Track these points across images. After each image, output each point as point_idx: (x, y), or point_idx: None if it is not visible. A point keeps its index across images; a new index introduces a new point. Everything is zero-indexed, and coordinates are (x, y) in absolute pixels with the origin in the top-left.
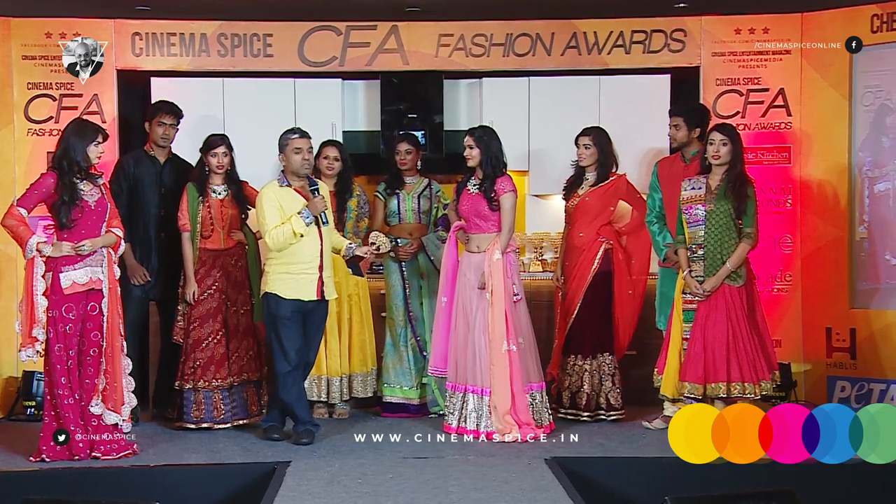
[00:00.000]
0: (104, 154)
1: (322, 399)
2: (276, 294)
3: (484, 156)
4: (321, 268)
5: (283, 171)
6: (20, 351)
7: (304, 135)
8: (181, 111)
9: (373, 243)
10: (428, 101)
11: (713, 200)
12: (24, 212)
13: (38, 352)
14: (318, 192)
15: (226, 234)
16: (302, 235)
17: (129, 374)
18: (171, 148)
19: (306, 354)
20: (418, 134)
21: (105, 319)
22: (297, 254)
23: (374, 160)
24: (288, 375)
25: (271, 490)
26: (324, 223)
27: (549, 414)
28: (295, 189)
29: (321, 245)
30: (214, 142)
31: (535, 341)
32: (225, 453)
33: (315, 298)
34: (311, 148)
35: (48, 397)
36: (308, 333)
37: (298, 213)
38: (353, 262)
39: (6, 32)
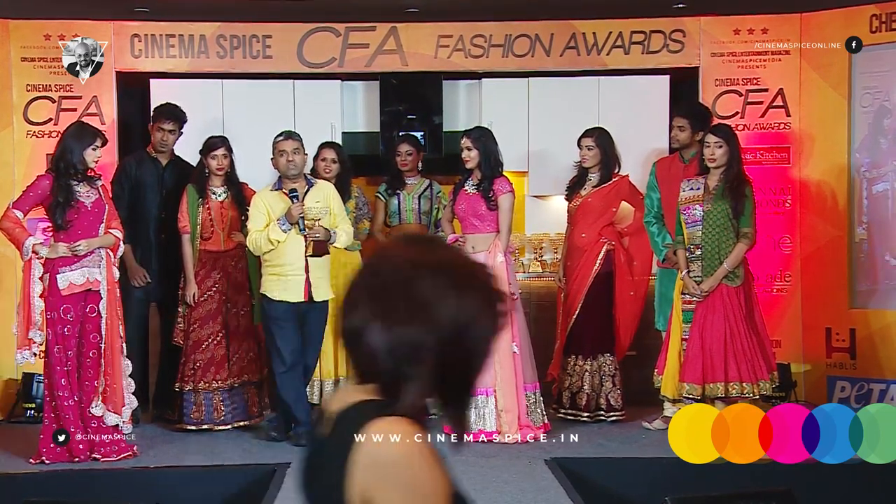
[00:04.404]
0: (103, 156)
1: (315, 402)
2: (266, 295)
3: (482, 157)
4: (307, 269)
5: (280, 175)
6: (17, 353)
7: (290, 136)
8: (185, 116)
9: (313, 223)
10: (427, 102)
11: (711, 201)
12: (20, 214)
13: (34, 354)
14: (298, 199)
15: (226, 236)
16: (279, 241)
17: (130, 376)
18: (172, 150)
19: (303, 355)
20: (418, 135)
21: (104, 321)
22: (284, 256)
23: (374, 161)
24: (284, 376)
25: (271, 492)
26: (301, 230)
27: (544, 414)
28: (285, 193)
29: (306, 247)
30: (214, 144)
31: (530, 341)
32: (225, 455)
33: (303, 300)
34: (298, 149)
35: (48, 399)
36: (305, 335)
37: (277, 220)
38: (316, 250)
39: (5, 34)
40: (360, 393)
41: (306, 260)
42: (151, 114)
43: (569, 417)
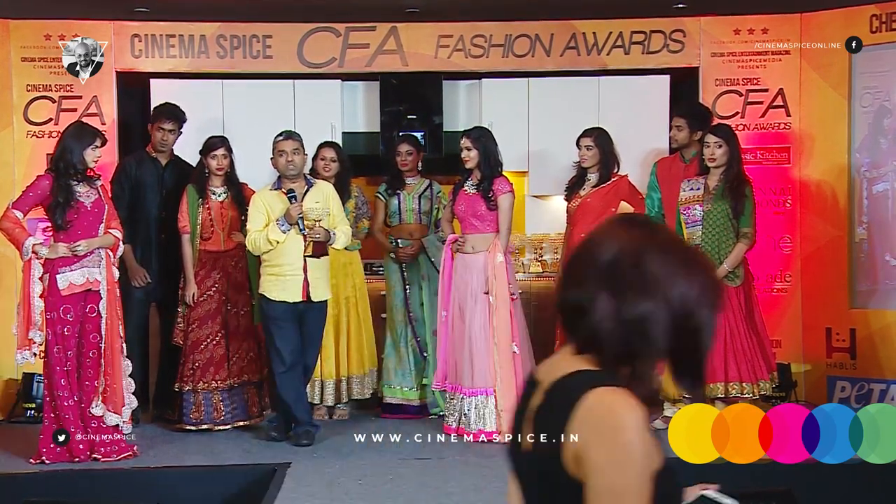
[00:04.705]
0: (103, 156)
1: (317, 402)
2: (265, 295)
3: (482, 156)
4: (305, 269)
5: (279, 175)
6: (17, 353)
7: (290, 136)
8: (184, 115)
9: (313, 222)
10: (427, 102)
11: (711, 201)
12: (19, 214)
13: (34, 354)
14: (296, 199)
15: (226, 236)
16: (278, 242)
17: (130, 376)
18: (172, 150)
19: (303, 355)
20: (418, 135)
21: (104, 321)
22: (282, 256)
23: (374, 161)
24: (284, 376)
25: (271, 492)
26: (301, 230)
27: None
28: (284, 193)
29: (304, 247)
30: (214, 144)
31: (530, 341)
32: (225, 455)
33: (301, 300)
34: (297, 149)
35: (48, 399)
36: (304, 335)
37: (276, 220)
38: (316, 251)
39: (5, 34)
40: (577, 363)
41: (305, 260)
42: (151, 114)
43: None
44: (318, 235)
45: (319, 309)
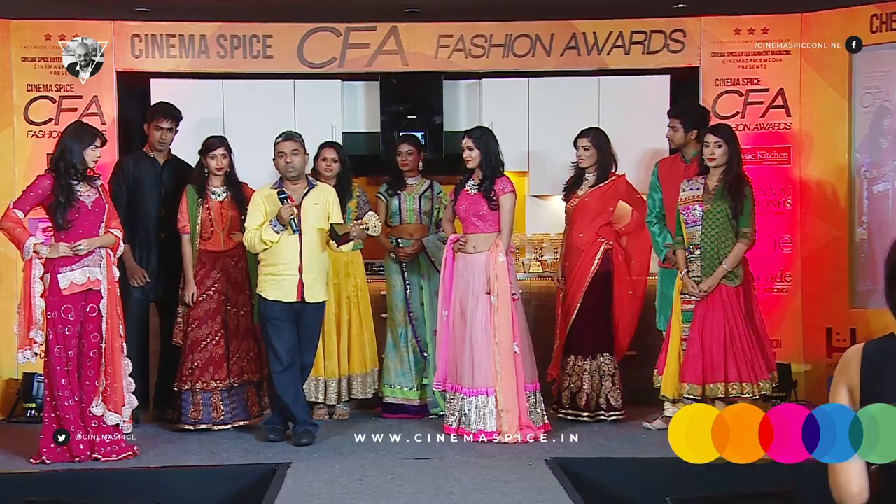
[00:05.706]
0: (104, 155)
1: (320, 400)
2: (261, 295)
3: (484, 156)
4: (301, 270)
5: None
6: (18, 353)
7: (290, 137)
8: (180, 114)
9: (364, 225)
10: (427, 102)
11: (710, 201)
12: (20, 214)
13: (35, 354)
14: (288, 201)
15: (226, 236)
16: (272, 242)
17: (130, 376)
18: (170, 149)
19: (300, 355)
20: (418, 135)
21: (104, 321)
22: (278, 255)
23: (374, 161)
24: (282, 375)
25: (272, 491)
26: (294, 231)
27: (544, 414)
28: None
29: (300, 247)
30: (213, 144)
31: (531, 341)
32: (225, 454)
33: (296, 300)
34: (297, 150)
35: (48, 398)
36: (301, 334)
37: (269, 221)
38: (337, 237)
39: (6, 34)
40: None
41: (300, 261)
42: (146, 113)
43: (569, 417)
44: (355, 233)
45: (316, 309)
